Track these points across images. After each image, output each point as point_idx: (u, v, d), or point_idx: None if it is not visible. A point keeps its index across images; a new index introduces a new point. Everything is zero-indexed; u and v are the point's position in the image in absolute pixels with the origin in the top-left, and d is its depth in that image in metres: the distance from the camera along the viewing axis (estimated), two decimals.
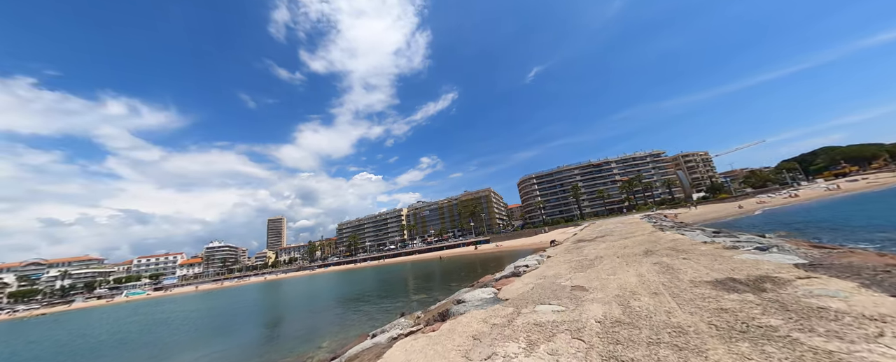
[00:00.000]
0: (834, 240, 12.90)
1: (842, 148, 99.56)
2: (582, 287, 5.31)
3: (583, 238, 19.43)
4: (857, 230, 14.68)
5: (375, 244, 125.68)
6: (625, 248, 10.25)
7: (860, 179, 51.98)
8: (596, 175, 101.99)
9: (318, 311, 18.75)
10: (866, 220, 16.75)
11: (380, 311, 14.84)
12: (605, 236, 18.10)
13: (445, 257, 55.71)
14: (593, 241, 15.33)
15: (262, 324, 17.16)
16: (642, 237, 12.86)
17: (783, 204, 40.95)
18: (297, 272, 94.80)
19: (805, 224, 20.35)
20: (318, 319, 15.95)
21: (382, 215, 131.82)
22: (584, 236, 21.75)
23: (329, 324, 13.42)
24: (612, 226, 29.63)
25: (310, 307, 21.55)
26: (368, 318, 13.44)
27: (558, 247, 15.18)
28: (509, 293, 6.12)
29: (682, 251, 7.82)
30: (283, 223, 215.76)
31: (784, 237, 14.04)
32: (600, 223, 43.90)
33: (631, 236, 14.33)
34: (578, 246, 14.03)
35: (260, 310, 24.23)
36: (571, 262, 8.87)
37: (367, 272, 54.78)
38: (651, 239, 11.84)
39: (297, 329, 13.93)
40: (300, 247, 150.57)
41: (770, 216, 30.30)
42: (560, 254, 12.15)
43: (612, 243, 12.57)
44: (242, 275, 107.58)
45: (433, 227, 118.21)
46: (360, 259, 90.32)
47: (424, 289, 20.53)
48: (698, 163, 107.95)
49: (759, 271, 4.58)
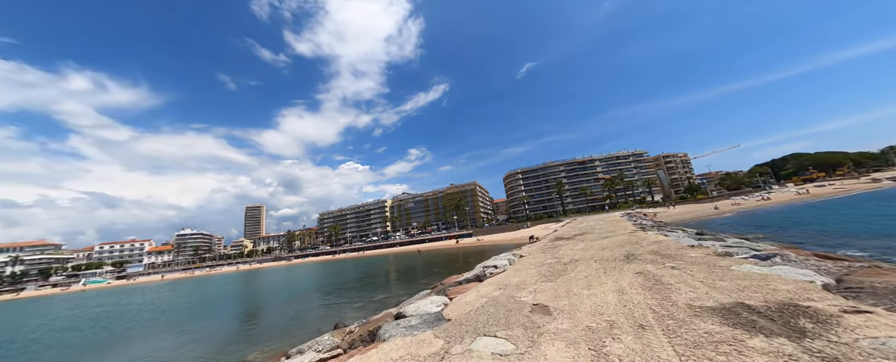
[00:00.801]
0: (818, 246, 12.37)
1: (810, 155, 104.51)
2: (545, 307, 4.01)
3: (562, 235, 18.52)
4: (836, 236, 14.33)
5: (358, 235, 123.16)
6: (604, 250, 9.16)
7: (827, 185, 54.20)
8: (580, 172, 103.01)
9: (274, 307, 17.11)
10: (843, 226, 16.58)
11: (336, 309, 13.40)
12: (584, 234, 17.23)
13: (424, 251, 54.55)
14: (572, 240, 14.34)
15: (200, 323, 15.34)
16: (623, 237, 11.90)
17: (756, 206, 41.96)
18: (274, 262, 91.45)
19: (781, 226, 20.24)
20: (266, 319, 14.35)
21: (366, 206, 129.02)
22: (564, 233, 20.90)
23: (271, 329, 11.85)
24: (593, 223, 29.16)
25: (268, 302, 19.85)
26: (320, 318, 11.97)
27: (534, 246, 14.09)
28: (458, 308, 4.79)
29: (668, 257, 6.71)
30: (262, 211, 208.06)
31: (767, 240, 13.48)
32: (581, 220, 43.77)
33: (611, 235, 13.41)
34: (555, 244, 12.98)
35: (214, 304, 22.24)
36: (543, 266, 7.66)
37: (345, 264, 52.99)
38: (632, 239, 10.87)
39: (233, 333, 12.27)
40: (279, 237, 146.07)
41: (745, 217, 30.64)
42: (534, 253, 11.00)
43: (591, 243, 11.54)
44: (215, 265, 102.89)
45: (417, 220, 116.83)
46: (340, 250, 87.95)
47: (392, 286, 19.21)
48: (678, 164, 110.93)
49: (778, 294, 3.39)
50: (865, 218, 19.13)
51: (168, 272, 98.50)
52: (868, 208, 24.05)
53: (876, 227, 15.10)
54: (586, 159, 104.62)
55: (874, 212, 21.88)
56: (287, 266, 74.21)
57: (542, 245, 13.46)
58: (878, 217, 18.96)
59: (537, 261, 8.96)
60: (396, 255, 54.37)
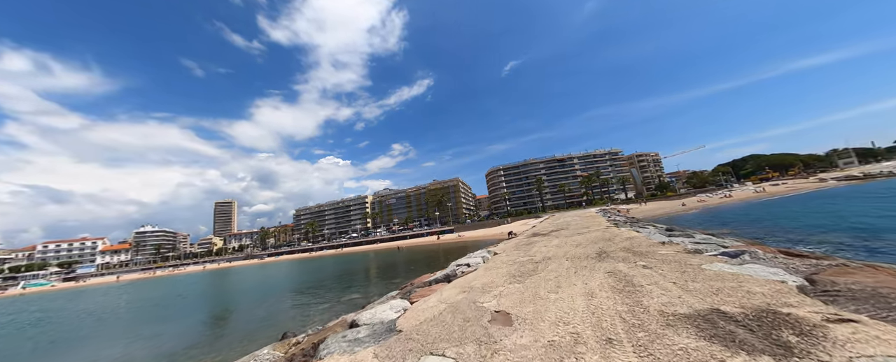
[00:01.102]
0: (779, 242, 12.93)
1: (766, 156, 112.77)
2: (507, 315, 3.55)
3: (539, 231, 18.49)
4: (793, 231, 15.14)
5: (337, 231, 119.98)
6: (577, 247, 8.97)
7: (781, 184, 58.59)
8: (559, 169, 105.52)
9: (233, 310, 15.91)
10: (796, 222, 17.63)
11: (301, 311, 12.55)
12: (560, 230, 17.26)
13: (404, 247, 53.77)
14: (548, 236, 14.24)
15: (147, 328, 13.95)
16: (597, 233, 11.85)
17: (719, 203, 44.55)
18: (245, 261, 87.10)
19: (743, 222, 21.32)
20: (220, 324, 13.23)
21: (345, 201, 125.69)
22: (541, 229, 20.95)
23: (222, 336, 10.85)
24: (570, 218, 29.65)
25: (230, 304, 18.52)
26: (280, 323, 11.10)
27: (509, 243, 13.84)
28: (414, 316, 4.27)
29: (639, 254, 6.52)
30: (233, 207, 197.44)
31: (732, 236, 13.95)
32: (559, 216, 44.63)
33: (585, 231, 13.41)
34: (530, 241, 12.78)
35: (171, 307, 20.52)
36: (514, 264, 7.30)
37: (323, 262, 51.25)
38: (606, 235, 10.82)
39: (175, 341, 11.13)
40: (253, 234, 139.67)
41: (709, 213, 32.34)
42: (508, 251, 10.69)
43: (566, 239, 11.41)
44: (179, 264, 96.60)
45: (399, 216, 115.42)
46: (317, 247, 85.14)
47: (366, 285, 18.48)
48: (650, 163, 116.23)
49: (754, 298, 3.11)
50: (814, 215, 20.53)
51: (125, 272, 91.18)
52: (816, 206, 25.90)
53: (825, 223, 16.11)
54: (565, 157, 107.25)
55: (821, 209, 23.55)
56: (260, 264, 70.87)
57: (518, 242, 13.23)
58: (825, 214, 20.37)
59: (510, 258, 8.62)
60: (376, 252, 53.23)
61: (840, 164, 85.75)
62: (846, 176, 53.74)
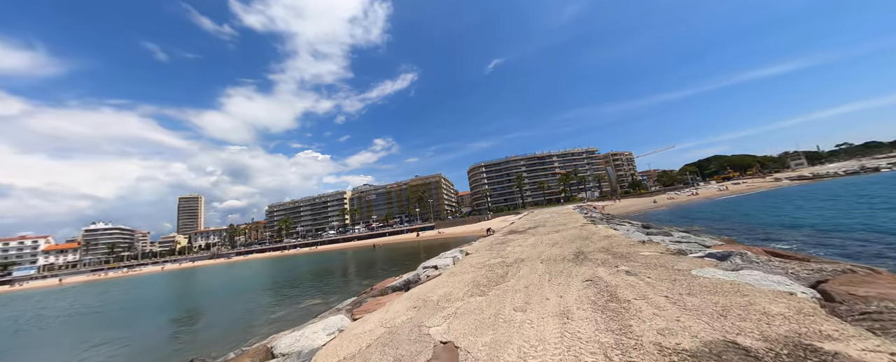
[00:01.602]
0: (753, 239, 13.00)
1: (728, 157, 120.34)
2: (454, 350, 2.61)
3: (515, 229, 17.94)
4: (760, 226, 15.46)
5: (313, 228, 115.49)
6: (554, 247, 8.28)
7: (741, 183, 62.45)
8: (539, 167, 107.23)
9: (169, 320, 14.13)
10: (761, 218, 18.21)
11: (245, 320, 11.16)
12: (537, 227, 16.78)
13: (380, 245, 52.19)
14: (524, 233, 13.62)
15: (70, 342, 11.99)
16: (574, 231, 11.30)
17: (688, 200, 46.59)
18: (210, 260, 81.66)
19: (712, 219, 21.92)
20: (145, 338, 11.54)
21: (322, 197, 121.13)
22: (518, 226, 20.47)
23: (136, 355, 9.30)
24: (548, 215, 29.59)
25: (173, 310, 16.60)
26: (210, 340, 9.68)
27: (484, 242, 13.07)
28: (341, 346, 3.27)
29: (620, 256, 5.85)
30: (199, 202, 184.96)
31: (706, 233, 13.92)
32: (538, 212, 44.86)
33: (563, 228, 12.90)
34: (506, 239, 12.08)
35: (107, 314, 18.14)
36: (483, 268, 6.45)
37: (295, 261, 48.78)
38: (583, 233, 10.26)
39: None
40: (221, 232, 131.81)
41: (680, 210, 33.49)
42: (481, 251, 9.88)
43: (542, 237, 10.77)
44: (136, 264, 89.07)
45: (379, 212, 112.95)
46: (289, 245, 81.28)
47: (330, 289, 17.19)
48: (624, 161, 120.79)
49: (774, 322, 2.36)
50: (774, 210, 21.47)
51: (70, 274, 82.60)
52: (774, 203, 27.29)
53: (787, 220, 16.65)
54: (545, 154, 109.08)
55: (778, 207, 24.78)
56: (226, 264, 66.61)
57: (493, 240, 12.47)
58: (783, 212, 21.32)
59: (480, 260, 7.78)
60: (354, 250, 51.37)
61: (791, 165, 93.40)
62: (798, 176, 58.14)
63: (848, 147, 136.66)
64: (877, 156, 72.86)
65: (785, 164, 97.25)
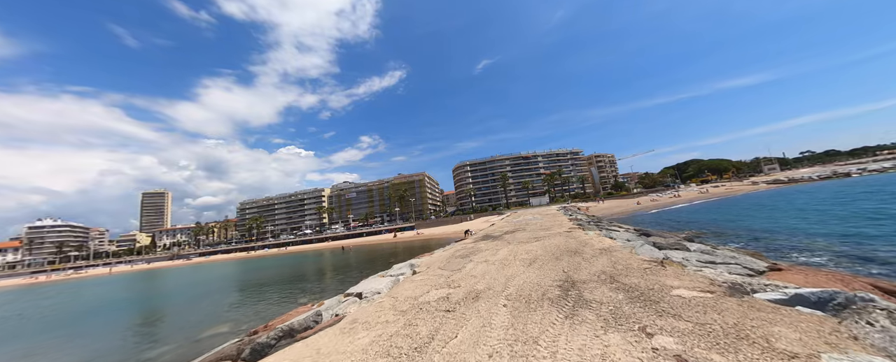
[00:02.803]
0: (764, 247, 11.00)
1: (705, 161, 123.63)
2: None
3: (491, 233, 15.43)
4: (769, 234, 13.69)
5: (289, 227, 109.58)
6: (530, 266, 5.72)
7: (720, 186, 63.10)
8: (524, 167, 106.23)
9: (45, 346, 10.72)
10: (763, 223, 16.64)
11: (132, 351, 8.06)
12: (516, 231, 14.36)
13: (351, 247, 48.71)
14: (498, 240, 11.12)
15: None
16: (559, 240, 8.83)
17: (671, 202, 45.92)
18: (170, 261, 75.03)
19: (706, 223, 20.30)
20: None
21: (299, 195, 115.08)
22: (496, 229, 18.02)
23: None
24: (530, 216, 27.48)
25: (56, 332, 13.06)
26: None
27: (444, 254, 10.43)
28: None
29: (642, 298, 3.32)
30: (166, 198, 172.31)
31: (725, 244, 11.87)
32: (520, 213, 42.88)
33: (545, 235, 10.48)
34: (474, 249, 9.50)
35: None
36: (410, 312, 3.79)
37: (257, 263, 44.66)
38: (571, 244, 7.81)
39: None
40: (189, 230, 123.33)
41: (668, 213, 32.19)
42: (433, 268, 7.20)
43: (518, 248, 8.25)
44: (85, 265, 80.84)
45: (360, 211, 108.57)
46: (258, 246, 75.88)
47: (266, 300, 14.16)
48: (606, 163, 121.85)
49: None
50: (772, 213, 20.10)
51: (5, 277, 73.34)
52: (769, 204, 26.23)
53: (799, 226, 14.98)
54: (530, 155, 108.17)
55: (775, 208, 23.60)
56: (186, 265, 61.02)
57: (454, 252, 9.83)
58: (783, 212, 19.95)
59: (423, 286, 5.12)
60: (321, 253, 47.68)
61: (765, 170, 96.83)
62: (774, 180, 59.24)
63: (810, 154, 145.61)
64: (848, 163, 76.07)
65: (758, 169, 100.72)
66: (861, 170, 53.24)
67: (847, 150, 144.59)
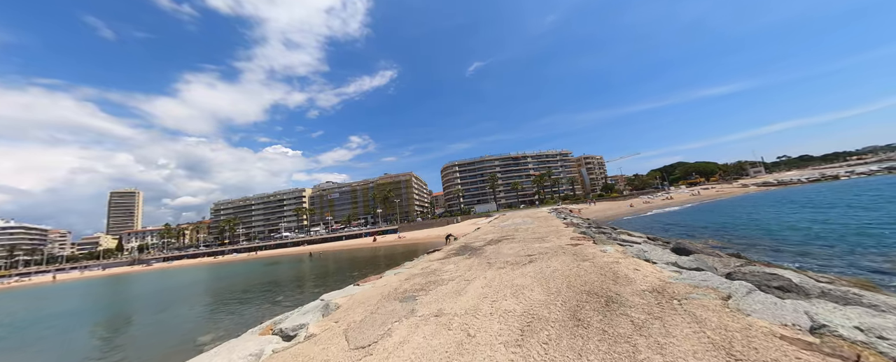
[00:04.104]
0: (813, 262, 8.22)
1: (691, 163, 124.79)
2: None
3: (470, 244, 12.22)
4: (799, 244, 11.10)
5: (266, 230, 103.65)
6: (524, 340, 2.44)
7: (711, 188, 62.25)
8: (513, 168, 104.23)
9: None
10: (773, 230, 14.24)
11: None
12: (502, 240, 11.22)
13: (318, 252, 44.59)
14: (478, 254, 7.92)
15: None
16: (564, 261, 5.63)
17: (664, 205, 44.12)
18: (128, 267, 68.64)
19: (718, 230, 17.74)
20: None
21: (278, 195, 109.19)
22: (477, 238, 14.83)
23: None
24: (520, 220, 24.54)
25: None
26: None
27: (390, 282, 7.08)
28: None
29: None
30: (137, 198, 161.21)
31: (723, 249, 8.99)
32: (510, 216, 39.99)
33: (542, 250, 7.34)
34: (439, 270, 6.28)
35: None
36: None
37: (225, 269, 40.24)
38: (587, 275, 4.65)
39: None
40: (159, 232, 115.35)
41: (666, 216, 29.86)
42: (351, 313, 3.86)
43: (503, 275, 5.03)
44: (30, 272, 73.02)
45: (343, 212, 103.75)
46: (229, 250, 70.35)
47: (195, 318, 10.68)
48: (595, 165, 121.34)
49: None
50: (785, 217, 17.78)
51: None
52: (776, 209, 24.11)
53: (821, 233, 12.45)
54: (520, 155, 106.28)
55: (784, 213, 21.35)
56: (146, 271, 55.38)
57: (406, 277, 6.52)
58: (802, 216, 17.58)
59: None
60: (294, 258, 43.50)
61: (751, 173, 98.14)
62: (764, 182, 58.84)
63: (787, 159, 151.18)
64: (834, 166, 76.99)
65: (744, 172, 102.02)
66: (849, 173, 53.00)
67: (820, 156, 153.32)
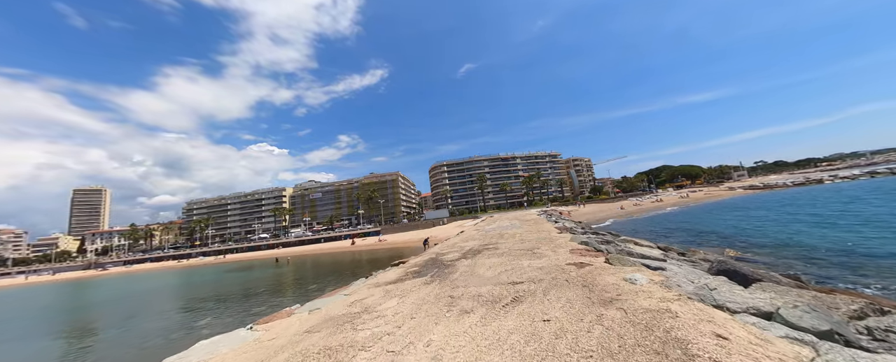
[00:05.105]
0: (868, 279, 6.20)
1: (676, 167, 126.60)
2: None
3: (440, 254, 9.76)
4: (833, 255, 9.27)
5: (243, 231, 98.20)
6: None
7: (699, 191, 62.07)
8: (502, 168, 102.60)
9: None
10: (795, 236, 12.55)
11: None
12: (482, 252, 8.82)
13: (288, 257, 41.14)
14: (445, 275, 5.48)
15: None
16: (569, 310, 3.23)
17: (656, 207, 43.00)
18: (82, 271, 62.74)
19: (720, 234, 16.08)
20: None
21: (256, 194, 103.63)
22: (456, 244, 12.37)
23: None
24: (507, 223, 22.33)
25: None
26: None
27: (286, 329, 4.44)
28: None
29: None
30: (104, 196, 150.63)
31: (770, 267, 6.94)
32: (497, 218, 37.80)
33: (531, 272, 4.99)
34: (374, 308, 3.80)
35: None
36: None
37: (176, 276, 36.38)
38: (615, 346, 2.37)
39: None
40: (126, 232, 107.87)
41: (661, 220, 28.27)
42: None
43: (459, 330, 2.65)
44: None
45: (326, 213, 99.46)
46: (196, 253, 65.40)
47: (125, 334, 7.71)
48: (583, 167, 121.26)
49: None
50: (786, 225, 16.26)
51: None
52: (775, 212, 22.83)
53: (838, 242, 10.68)
54: (509, 156, 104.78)
55: (786, 217, 19.94)
56: (100, 277, 50.37)
57: (321, 319, 3.89)
58: (806, 225, 16.04)
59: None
60: (263, 263, 39.96)
61: (734, 176, 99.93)
62: (750, 185, 59.06)
63: (763, 164, 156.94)
64: (818, 170, 78.70)
65: (727, 175, 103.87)
66: (833, 177, 53.52)
67: (793, 161, 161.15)
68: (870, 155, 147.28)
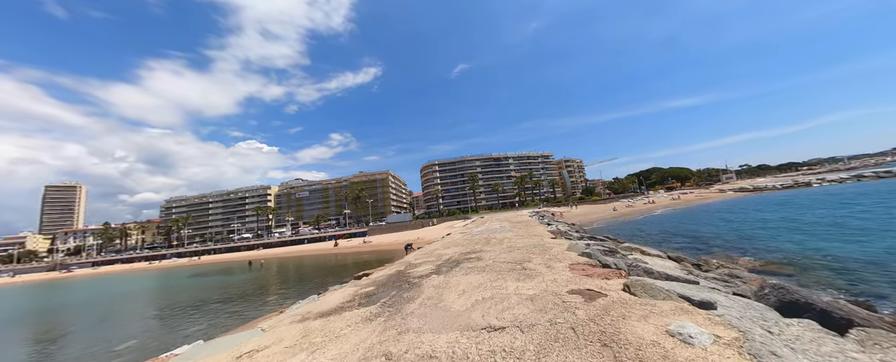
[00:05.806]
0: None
1: (666, 169, 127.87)
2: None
3: (408, 268, 8.06)
4: (848, 261, 7.94)
5: (225, 231, 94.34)
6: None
7: (690, 193, 61.96)
8: (494, 168, 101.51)
9: None
10: (786, 238, 11.24)
11: None
12: (462, 262, 7.18)
13: (263, 260, 38.68)
14: (402, 305, 3.88)
15: None
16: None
17: (648, 209, 42.23)
18: (46, 273, 58.59)
19: (727, 240, 14.86)
20: None
21: (239, 192, 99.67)
22: (434, 252, 10.68)
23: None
24: (497, 225, 20.84)
25: None
26: None
27: None
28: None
29: None
30: (78, 193, 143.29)
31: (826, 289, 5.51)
32: (487, 219, 36.33)
33: (519, 305, 3.42)
34: (305, 342, 2.12)
35: None
36: None
37: (143, 279, 33.68)
38: None
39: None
40: (99, 231, 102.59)
41: (656, 222, 27.20)
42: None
43: None
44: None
45: (313, 212, 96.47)
46: (171, 253, 61.90)
47: None
48: (575, 168, 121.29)
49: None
50: (799, 227, 15.21)
51: None
52: (778, 213, 21.95)
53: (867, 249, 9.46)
54: (501, 156, 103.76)
55: (789, 219, 19.00)
56: (64, 279, 46.86)
57: None
58: (821, 228, 14.95)
59: None
60: (235, 266, 37.51)
61: (723, 179, 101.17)
62: (740, 188, 59.23)
63: (747, 167, 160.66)
64: (806, 173, 79.89)
65: (716, 178, 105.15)
66: (820, 181, 53.90)
67: (775, 165, 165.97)
68: (847, 160, 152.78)
